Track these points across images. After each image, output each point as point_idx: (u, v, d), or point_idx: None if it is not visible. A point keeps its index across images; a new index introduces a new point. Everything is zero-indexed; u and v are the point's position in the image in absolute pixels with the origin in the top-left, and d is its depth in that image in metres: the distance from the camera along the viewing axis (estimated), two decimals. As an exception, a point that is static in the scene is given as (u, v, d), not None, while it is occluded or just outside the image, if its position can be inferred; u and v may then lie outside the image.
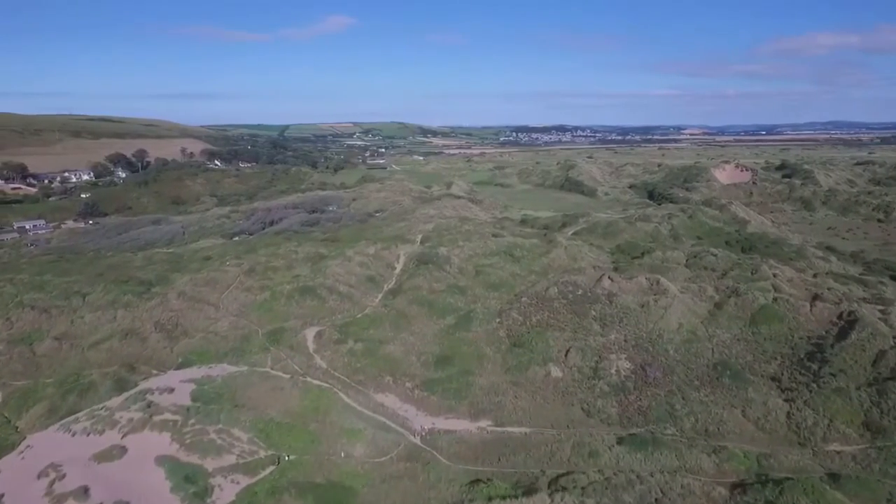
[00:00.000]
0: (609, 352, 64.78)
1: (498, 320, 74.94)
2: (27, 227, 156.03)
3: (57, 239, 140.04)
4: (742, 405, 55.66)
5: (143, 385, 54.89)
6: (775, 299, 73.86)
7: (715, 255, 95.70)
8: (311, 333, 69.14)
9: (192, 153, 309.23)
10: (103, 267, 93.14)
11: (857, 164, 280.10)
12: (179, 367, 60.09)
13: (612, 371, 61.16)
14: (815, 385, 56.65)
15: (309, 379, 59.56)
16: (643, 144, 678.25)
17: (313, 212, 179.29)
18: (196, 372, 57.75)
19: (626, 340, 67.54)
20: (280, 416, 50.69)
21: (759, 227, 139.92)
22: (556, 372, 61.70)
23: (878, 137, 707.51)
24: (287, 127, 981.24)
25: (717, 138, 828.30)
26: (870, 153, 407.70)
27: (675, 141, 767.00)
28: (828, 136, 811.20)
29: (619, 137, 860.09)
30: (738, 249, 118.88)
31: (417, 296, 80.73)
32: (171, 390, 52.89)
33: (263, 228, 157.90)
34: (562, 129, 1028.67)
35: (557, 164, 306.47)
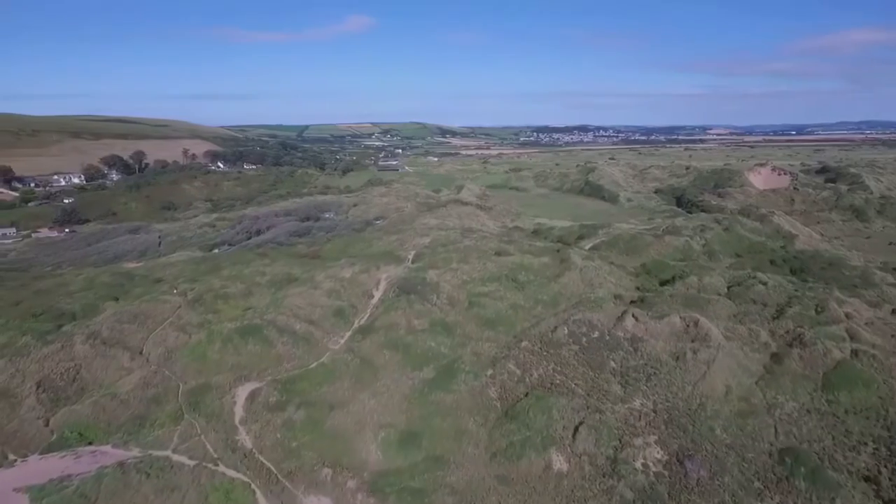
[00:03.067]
0: (634, 431, 47.86)
1: (489, 373, 58.46)
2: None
3: (18, 251, 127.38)
4: (829, 530, 38.50)
5: (-38, 495, 39.74)
6: (854, 353, 56.26)
7: (764, 284, 77.66)
8: (243, 393, 53.56)
9: (194, 155, 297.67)
10: (29, 292, 78.97)
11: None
12: (47, 449, 45.02)
13: (638, 464, 44.28)
14: (934, 497, 39.19)
15: (221, 468, 43.93)
16: (668, 145, 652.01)
17: (307, 219, 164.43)
18: (57, 464, 42.45)
19: (655, 411, 50.57)
20: (151, 547, 35.16)
21: (808, 242, 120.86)
22: (559, 462, 45.04)
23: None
24: (306, 127, 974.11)
25: (746, 138, 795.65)
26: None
27: (702, 141, 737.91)
28: (863, 136, 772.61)
29: (643, 137, 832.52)
30: (785, 270, 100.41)
31: (392, 337, 64.67)
32: (-11, 510, 37.85)
33: (248, 238, 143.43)
34: (584, 129, 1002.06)
35: (577, 166, 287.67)
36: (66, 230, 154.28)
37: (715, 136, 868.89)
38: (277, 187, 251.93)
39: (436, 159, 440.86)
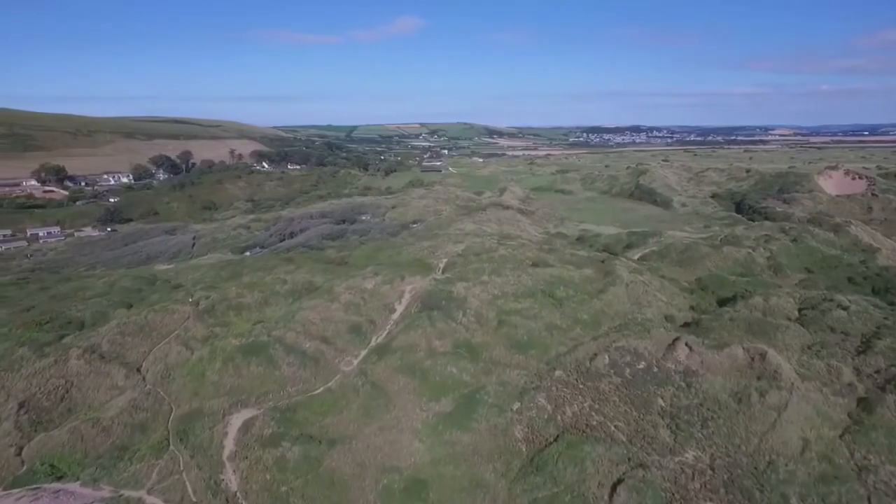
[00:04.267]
0: (685, 495, 39.42)
1: (516, 407, 51.09)
2: (40, 234, 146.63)
3: (57, 250, 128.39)
4: None
5: None
6: (968, 403, 45.67)
7: (845, 308, 66.68)
8: (237, 422, 48.13)
9: (240, 155, 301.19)
10: (45, 297, 76.86)
11: None
12: (12, 484, 40.64)
13: (691, 542, 35.95)
14: None
15: (199, 515, 38.39)
16: (726, 146, 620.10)
17: (342, 222, 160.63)
18: (11, 507, 38.20)
19: (713, 468, 41.87)
20: None
21: (892, 256, 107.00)
22: (592, 532, 37.23)
23: None
24: (355, 128, 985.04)
25: (812, 139, 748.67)
26: None
27: (763, 142, 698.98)
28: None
29: (699, 138, 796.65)
30: (866, 290, 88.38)
31: (409, 360, 58.08)
32: None
33: (281, 241, 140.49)
34: (636, 129, 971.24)
35: (627, 168, 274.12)
36: (108, 229, 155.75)
37: (778, 137, 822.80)
38: (319, 188, 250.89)
39: (481, 160, 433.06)
